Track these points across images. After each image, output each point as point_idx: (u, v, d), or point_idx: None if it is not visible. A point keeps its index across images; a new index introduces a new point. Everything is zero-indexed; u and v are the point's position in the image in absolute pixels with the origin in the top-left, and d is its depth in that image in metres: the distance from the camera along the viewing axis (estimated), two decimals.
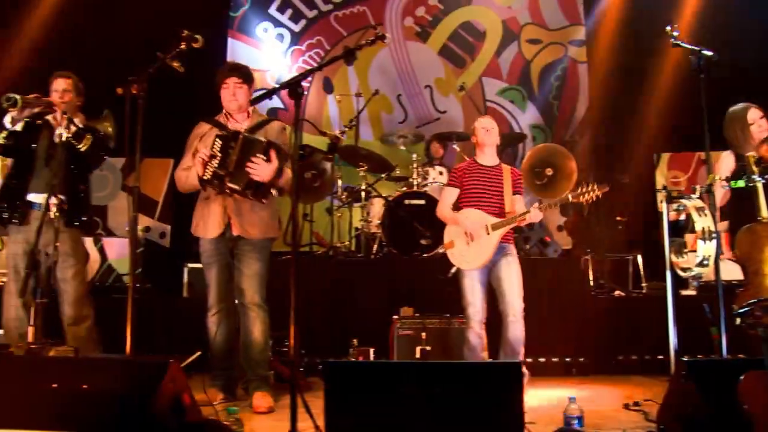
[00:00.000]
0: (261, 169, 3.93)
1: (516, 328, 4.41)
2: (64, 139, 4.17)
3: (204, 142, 4.15)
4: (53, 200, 4.08)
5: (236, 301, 4.31)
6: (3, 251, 4.93)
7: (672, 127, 7.37)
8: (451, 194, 4.70)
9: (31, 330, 3.74)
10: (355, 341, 5.13)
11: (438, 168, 6.49)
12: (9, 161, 4.38)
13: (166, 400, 2.60)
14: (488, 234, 4.49)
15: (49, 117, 4.23)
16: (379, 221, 6.05)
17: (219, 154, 3.97)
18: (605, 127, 7.88)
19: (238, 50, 8.20)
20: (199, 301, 5.81)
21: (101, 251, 6.44)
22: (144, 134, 3.47)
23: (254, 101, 3.06)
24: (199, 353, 5.06)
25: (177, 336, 5.52)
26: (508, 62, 8.25)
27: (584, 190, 4.33)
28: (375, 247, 6.11)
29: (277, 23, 8.30)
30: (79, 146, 4.14)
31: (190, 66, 3.88)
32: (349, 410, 2.41)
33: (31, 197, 4.21)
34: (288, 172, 4.08)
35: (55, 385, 2.66)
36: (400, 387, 2.41)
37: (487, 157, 4.69)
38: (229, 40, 8.18)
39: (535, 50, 8.27)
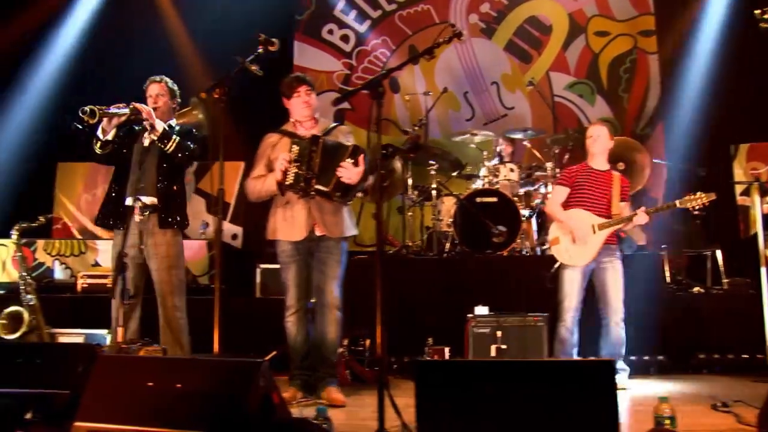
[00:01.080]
0: (350, 172, 4.03)
1: (619, 332, 4.68)
2: (148, 143, 4.33)
3: (277, 151, 4.24)
4: (142, 202, 4.23)
5: (312, 300, 4.36)
6: None
7: (750, 117, 7.11)
8: (561, 193, 4.91)
9: (120, 330, 3.85)
10: (430, 340, 5.13)
11: (509, 165, 6.42)
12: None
13: (256, 399, 2.63)
14: (594, 233, 4.70)
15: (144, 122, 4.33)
16: (450, 219, 6.03)
17: (300, 159, 4.04)
18: (678, 119, 7.66)
19: (304, 53, 8.29)
20: (272, 301, 5.94)
21: None
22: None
23: (336, 102, 3.11)
24: (275, 353, 5.14)
25: (251, 336, 5.59)
26: (576, 56, 8.08)
27: (692, 197, 4.57)
28: (447, 245, 6.08)
29: (342, 24, 8.35)
30: (165, 148, 4.25)
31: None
32: (442, 410, 2.40)
33: (128, 201, 4.33)
34: (371, 178, 4.18)
35: (150, 384, 2.73)
36: (493, 386, 2.39)
37: (597, 162, 4.90)
38: (296, 43, 8.27)
39: (603, 42, 8.07)
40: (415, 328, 5.36)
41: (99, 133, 4.26)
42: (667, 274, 6.24)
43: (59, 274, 6.68)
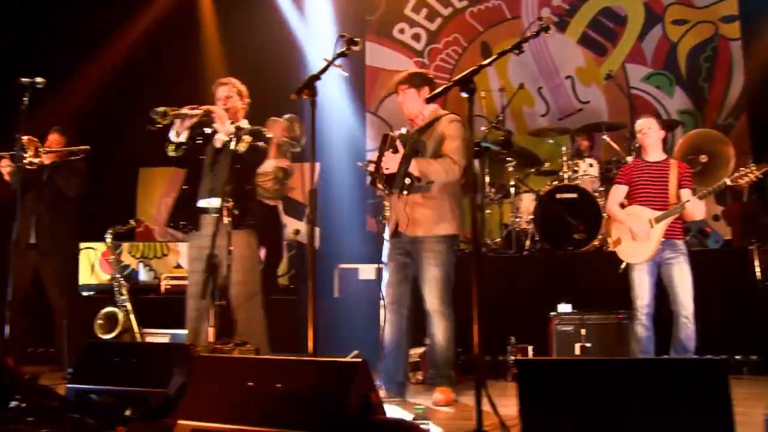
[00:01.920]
0: (387, 161, 4.08)
1: (689, 329, 4.56)
2: (220, 144, 4.37)
3: None
4: (219, 204, 4.22)
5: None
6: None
7: None
8: (619, 192, 4.90)
9: (211, 331, 3.92)
10: (512, 338, 5.08)
11: (588, 160, 6.29)
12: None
13: (357, 399, 2.64)
14: (652, 227, 4.63)
15: (215, 123, 4.36)
16: (530, 216, 5.95)
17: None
18: (765, 108, 7.35)
19: (376, 53, 8.32)
20: (351, 301, 5.98)
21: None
22: None
23: (428, 101, 3.11)
24: (356, 352, 5.16)
25: (331, 335, 5.64)
26: (653, 46, 7.85)
27: (742, 172, 4.41)
28: (527, 242, 6.01)
29: (413, 23, 8.36)
30: (236, 149, 4.24)
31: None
32: (545, 409, 2.36)
33: (200, 203, 4.39)
34: (422, 162, 4.09)
35: (250, 384, 2.77)
36: (598, 385, 2.34)
37: (652, 154, 4.85)
38: (367, 44, 8.29)
39: (681, 31, 7.82)
40: (496, 327, 5.28)
41: (172, 135, 4.31)
42: (758, 269, 6.00)
43: (143, 275, 6.88)
